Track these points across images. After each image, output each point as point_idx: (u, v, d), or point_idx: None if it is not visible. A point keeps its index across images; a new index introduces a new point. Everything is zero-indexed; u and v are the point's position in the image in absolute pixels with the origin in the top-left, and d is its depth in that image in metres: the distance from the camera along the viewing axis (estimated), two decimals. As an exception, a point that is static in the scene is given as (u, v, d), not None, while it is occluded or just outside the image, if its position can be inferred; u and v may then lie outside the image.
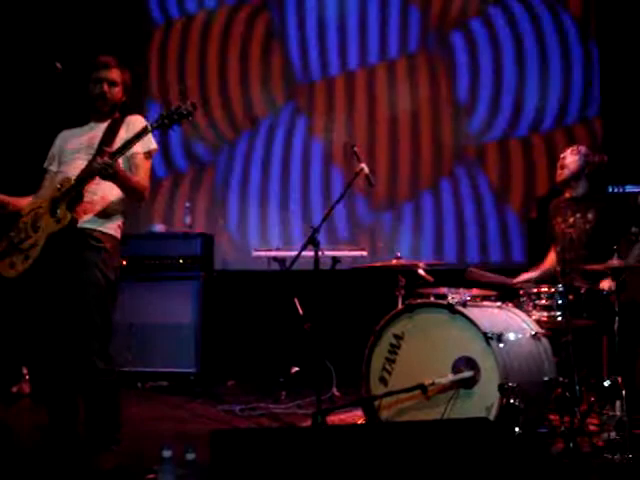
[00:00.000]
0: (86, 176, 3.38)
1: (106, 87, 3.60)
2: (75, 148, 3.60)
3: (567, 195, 4.61)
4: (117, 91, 3.64)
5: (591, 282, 4.17)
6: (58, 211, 3.39)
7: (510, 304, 4.20)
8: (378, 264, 4.63)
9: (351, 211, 6.50)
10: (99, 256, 3.48)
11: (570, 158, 4.51)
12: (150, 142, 3.62)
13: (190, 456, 3.40)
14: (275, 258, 5.58)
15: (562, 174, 4.54)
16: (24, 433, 4.30)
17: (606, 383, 3.80)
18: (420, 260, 4.79)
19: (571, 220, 4.46)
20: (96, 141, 3.56)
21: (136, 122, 3.59)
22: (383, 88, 6.74)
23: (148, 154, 3.63)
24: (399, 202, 6.64)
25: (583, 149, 4.56)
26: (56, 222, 3.38)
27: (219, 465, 2.60)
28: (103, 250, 3.50)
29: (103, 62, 3.64)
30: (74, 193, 3.39)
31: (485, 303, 4.17)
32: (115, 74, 3.63)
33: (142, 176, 3.59)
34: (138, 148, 3.54)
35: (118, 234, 3.60)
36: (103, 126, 3.61)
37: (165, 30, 6.99)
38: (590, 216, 4.43)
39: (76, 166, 3.50)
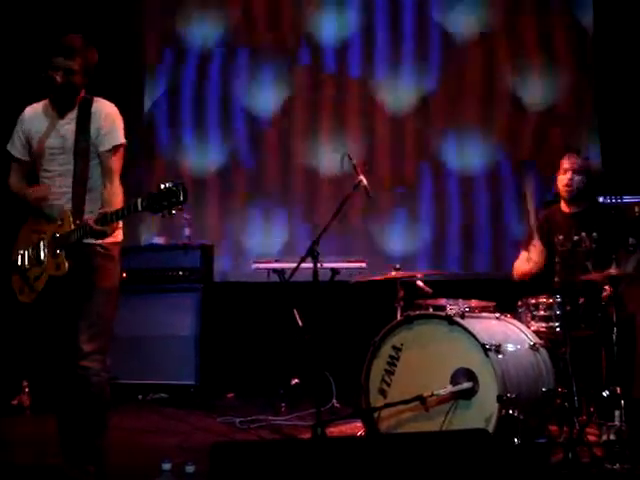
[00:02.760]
0: (82, 236, 3.33)
1: (62, 78, 3.38)
2: (48, 151, 3.49)
3: (566, 210, 4.58)
4: (76, 79, 3.42)
5: (591, 292, 4.17)
6: (57, 256, 3.37)
7: (508, 315, 4.21)
8: (377, 277, 4.66)
9: (351, 222, 6.51)
10: (107, 263, 3.48)
11: (577, 177, 4.49)
12: (116, 139, 3.48)
13: (190, 469, 3.41)
14: (274, 270, 5.58)
15: (569, 192, 4.50)
16: (24, 446, 4.31)
17: (605, 393, 3.81)
18: (419, 271, 4.81)
19: (575, 238, 4.42)
20: (69, 145, 3.45)
21: (103, 113, 3.48)
22: (383, 92, 6.78)
23: (115, 150, 3.47)
24: (397, 213, 6.65)
25: (585, 164, 4.54)
26: (56, 268, 3.38)
27: (219, 478, 2.60)
28: (110, 257, 3.50)
29: (64, 48, 3.40)
30: (73, 242, 3.35)
31: (483, 314, 4.19)
32: (76, 62, 3.40)
33: (112, 179, 3.45)
34: (105, 146, 3.45)
35: (120, 237, 3.57)
36: (70, 127, 3.47)
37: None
38: (595, 234, 4.41)
39: (58, 178, 3.47)
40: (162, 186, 3.12)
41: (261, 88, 6.87)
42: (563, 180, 4.51)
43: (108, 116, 3.50)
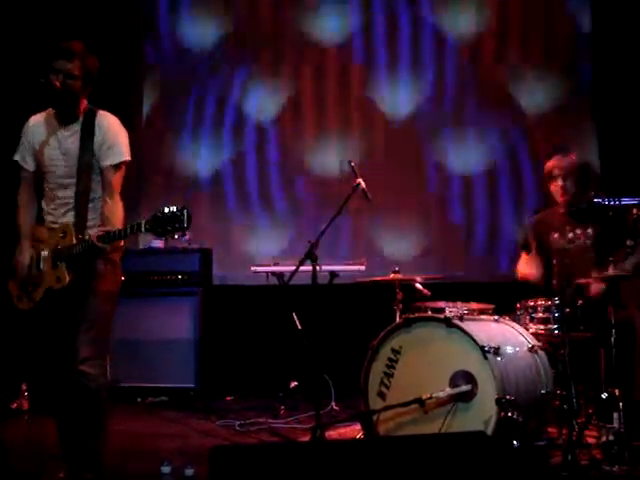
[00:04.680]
0: (83, 250, 3.32)
1: (62, 81, 3.36)
2: (51, 162, 3.48)
3: (560, 210, 4.59)
4: (76, 84, 3.40)
5: (587, 295, 4.18)
6: (58, 268, 3.36)
7: (507, 317, 4.22)
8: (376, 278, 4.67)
9: (349, 225, 6.51)
10: (107, 267, 3.47)
11: (569, 182, 4.48)
12: (119, 155, 3.46)
13: (189, 472, 3.42)
14: (273, 273, 5.59)
15: (567, 200, 4.49)
16: (22, 449, 4.31)
17: (604, 395, 3.81)
18: (418, 274, 4.80)
19: (570, 236, 4.42)
20: (73, 158, 3.43)
21: (106, 127, 3.46)
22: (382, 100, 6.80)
23: (117, 166, 3.46)
24: (397, 215, 6.66)
25: (572, 163, 4.53)
26: (56, 280, 3.37)
27: (218, 481, 2.61)
28: (111, 262, 3.49)
29: (64, 51, 3.38)
30: (75, 254, 3.34)
31: (482, 317, 4.19)
32: (76, 66, 3.37)
33: (113, 194, 3.44)
34: (107, 161, 3.43)
35: (122, 242, 3.56)
36: (74, 139, 3.45)
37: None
38: (590, 231, 4.42)
39: (61, 190, 3.46)
40: (166, 210, 3.10)
41: (261, 89, 6.90)
42: (557, 189, 4.50)
43: (111, 130, 3.48)
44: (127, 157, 3.50)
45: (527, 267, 4.60)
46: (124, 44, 6.70)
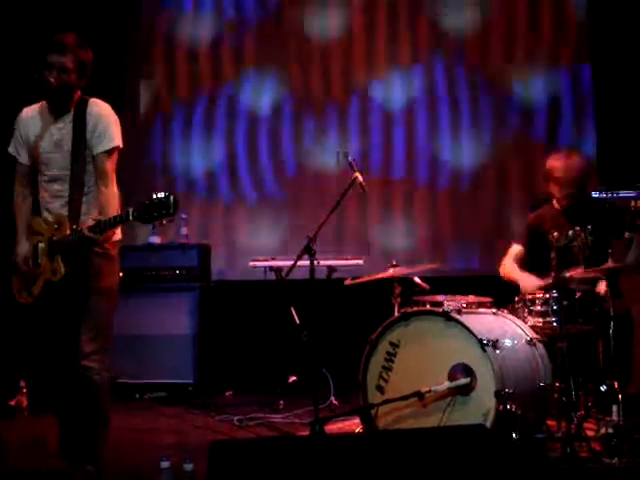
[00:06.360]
0: (76, 241, 3.31)
1: (55, 76, 3.34)
2: (45, 155, 3.46)
3: (557, 206, 4.57)
4: (71, 77, 3.39)
5: (587, 287, 4.17)
6: (54, 261, 3.35)
7: (505, 310, 4.22)
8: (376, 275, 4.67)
9: (347, 219, 6.50)
10: (105, 263, 3.46)
11: (570, 187, 4.41)
12: (110, 141, 3.43)
13: (188, 467, 3.41)
14: (271, 268, 5.58)
15: (565, 203, 4.49)
16: (21, 447, 4.30)
17: (602, 388, 3.82)
18: (416, 267, 4.80)
19: (570, 233, 4.39)
20: (66, 149, 3.42)
21: (98, 114, 3.43)
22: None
23: (109, 152, 3.43)
24: (394, 209, 6.66)
25: (577, 174, 4.42)
26: (52, 273, 3.36)
27: (217, 476, 2.60)
28: (109, 257, 3.48)
29: (57, 44, 3.37)
30: (69, 245, 3.33)
31: (480, 310, 4.19)
32: (69, 59, 3.36)
33: (108, 183, 3.42)
34: (99, 148, 3.41)
35: (118, 236, 3.55)
36: (66, 130, 3.43)
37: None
38: (590, 228, 4.41)
39: (55, 182, 3.46)
40: (154, 196, 3.12)
41: (255, 84, 6.88)
42: (556, 191, 4.47)
43: (103, 117, 3.45)
44: (118, 143, 3.48)
45: (512, 269, 4.57)
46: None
